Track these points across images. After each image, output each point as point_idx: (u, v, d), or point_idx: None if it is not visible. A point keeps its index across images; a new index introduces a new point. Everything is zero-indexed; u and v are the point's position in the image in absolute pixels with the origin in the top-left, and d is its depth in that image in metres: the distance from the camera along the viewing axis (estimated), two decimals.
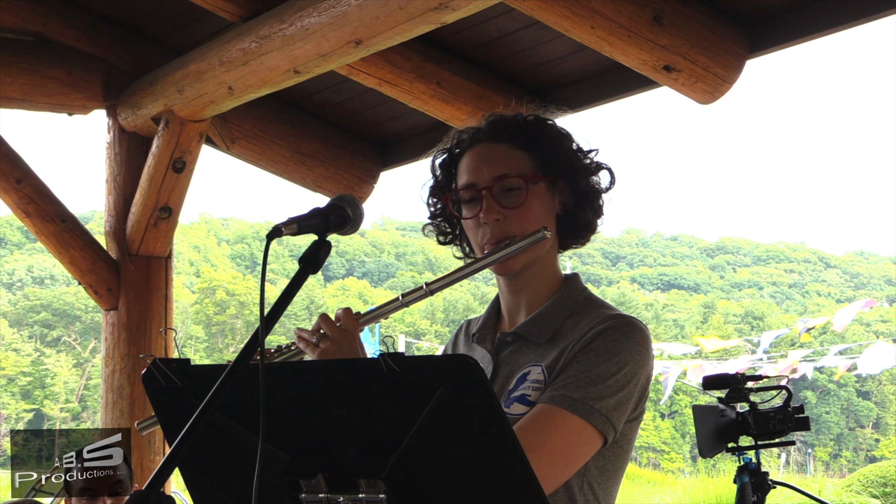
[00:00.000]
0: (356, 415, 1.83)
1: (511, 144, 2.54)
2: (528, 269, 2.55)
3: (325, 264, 2.03)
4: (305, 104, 6.63)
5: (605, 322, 2.41)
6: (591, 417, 2.30)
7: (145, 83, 6.15)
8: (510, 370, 2.51)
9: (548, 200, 2.55)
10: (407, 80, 5.53)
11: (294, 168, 6.69)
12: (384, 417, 1.81)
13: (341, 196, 2.10)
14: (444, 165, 2.67)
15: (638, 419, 2.46)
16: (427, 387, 1.73)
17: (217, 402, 1.78)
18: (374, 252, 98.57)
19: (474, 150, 2.58)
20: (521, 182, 2.50)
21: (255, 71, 5.28)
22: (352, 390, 1.82)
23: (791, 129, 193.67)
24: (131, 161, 6.41)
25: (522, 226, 2.49)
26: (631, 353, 2.37)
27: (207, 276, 75.64)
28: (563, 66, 5.54)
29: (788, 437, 5.68)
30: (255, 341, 1.83)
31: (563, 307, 2.53)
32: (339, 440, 1.85)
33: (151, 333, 6.33)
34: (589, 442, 2.33)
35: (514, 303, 2.61)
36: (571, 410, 2.30)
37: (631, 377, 2.36)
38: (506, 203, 2.50)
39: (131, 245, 6.32)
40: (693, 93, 4.88)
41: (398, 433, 1.77)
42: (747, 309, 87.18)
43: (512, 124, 2.57)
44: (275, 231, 1.95)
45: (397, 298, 2.55)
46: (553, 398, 2.32)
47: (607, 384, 2.33)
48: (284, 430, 1.87)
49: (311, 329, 2.53)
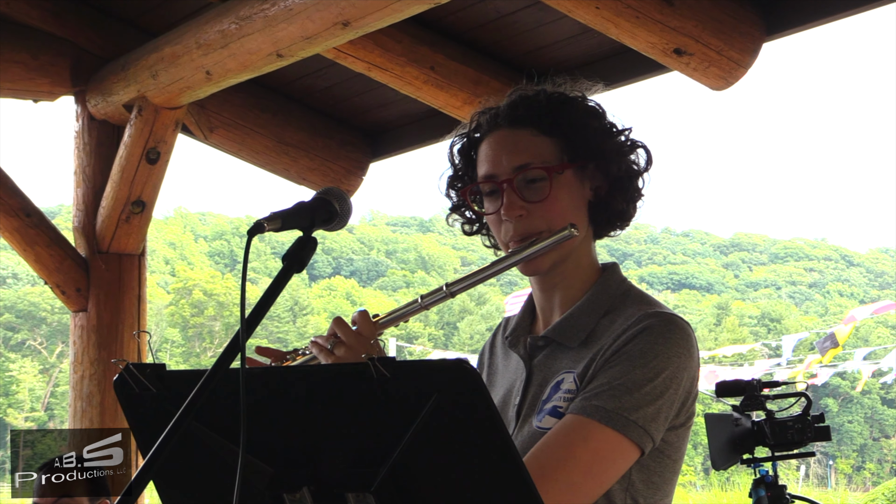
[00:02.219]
0: (344, 424, 1.83)
1: (533, 129, 2.47)
2: (559, 265, 2.50)
3: (310, 262, 2.03)
4: (289, 90, 6.63)
5: (640, 322, 2.35)
6: (627, 430, 2.25)
7: (117, 67, 6.15)
8: (543, 377, 2.46)
9: (576, 189, 2.48)
10: (398, 65, 5.53)
11: (277, 159, 6.69)
12: (374, 427, 1.81)
13: (328, 189, 2.10)
14: (462, 152, 2.61)
15: (686, 424, 2.40)
16: (420, 394, 1.73)
17: (195, 411, 1.79)
18: (363, 249, 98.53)
19: (493, 137, 2.51)
20: (543, 173, 2.43)
21: (234, 54, 5.28)
22: (339, 398, 1.83)
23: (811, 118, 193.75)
24: (101, 151, 6.41)
25: (548, 220, 2.43)
26: (669, 357, 2.31)
27: (183, 275, 75.56)
28: (566, 49, 5.54)
29: (808, 447, 5.70)
30: (235, 345, 1.84)
31: (598, 304, 2.47)
32: (326, 451, 1.86)
33: (123, 337, 6.33)
34: (624, 456, 2.27)
35: (546, 302, 2.57)
36: (605, 422, 2.24)
37: (670, 382, 2.30)
38: (529, 196, 2.44)
39: (101, 242, 6.31)
40: (705, 78, 4.89)
41: (389, 444, 1.77)
42: (764, 310, 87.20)
43: (533, 106, 2.49)
44: (256, 227, 1.95)
45: (416, 300, 2.51)
46: (584, 409, 2.27)
47: (644, 392, 2.27)
48: (267, 440, 1.87)
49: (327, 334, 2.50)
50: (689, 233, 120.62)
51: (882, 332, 75.41)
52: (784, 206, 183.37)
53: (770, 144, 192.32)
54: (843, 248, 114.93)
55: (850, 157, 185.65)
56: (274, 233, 1.99)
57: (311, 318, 76.25)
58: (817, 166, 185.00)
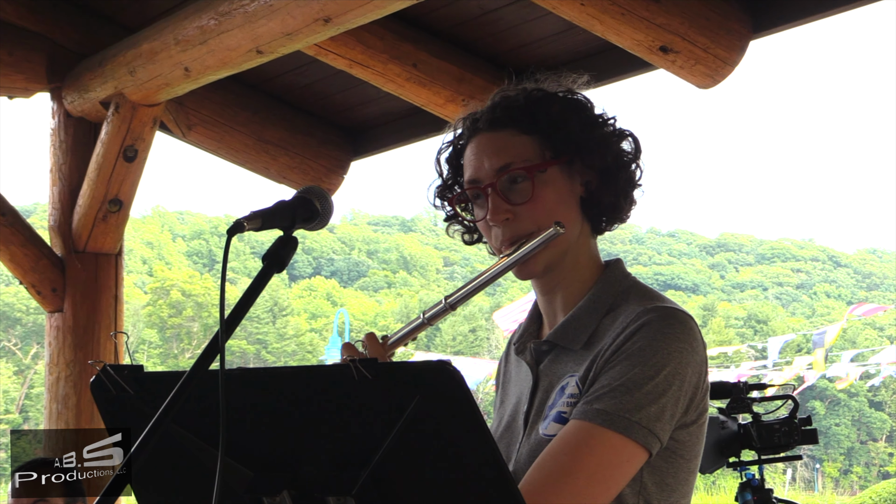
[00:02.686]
0: (325, 426, 1.83)
1: (513, 129, 2.45)
2: (556, 266, 2.47)
3: (290, 262, 2.03)
4: (269, 87, 6.63)
5: (639, 319, 2.30)
6: (631, 431, 2.21)
7: (93, 64, 6.13)
8: (550, 383, 2.44)
9: (564, 185, 2.45)
10: (380, 62, 5.53)
11: (256, 157, 6.68)
12: (355, 429, 1.81)
13: (309, 188, 2.10)
14: (450, 161, 2.59)
15: (698, 422, 2.35)
16: (402, 396, 1.73)
17: (173, 413, 1.78)
18: (344, 249, 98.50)
19: (474, 142, 2.50)
20: (524, 173, 2.41)
21: (213, 51, 5.27)
22: (320, 400, 1.83)
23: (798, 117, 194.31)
24: (78, 149, 6.39)
25: (536, 221, 2.41)
26: (670, 352, 2.27)
27: (161, 274, 75.43)
28: (550, 46, 5.55)
29: (795, 451, 5.72)
30: (214, 346, 1.83)
31: (600, 303, 2.44)
32: (307, 454, 1.85)
33: (100, 337, 6.31)
34: (630, 459, 2.23)
35: (549, 305, 2.54)
36: (607, 426, 2.21)
37: (673, 378, 2.25)
38: (513, 198, 2.42)
39: (78, 241, 6.29)
40: (692, 76, 4.90)
41: (371, 447, 1.77)
42: (750, 312, 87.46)
43: (511, 106, 2.48)
44: (236, 226, 1.95)
45: (420, 317, 2.50)
46: (585, 413, 2.24)
47: (644, 391, 2.23)
48: (247, 442, 1.87)
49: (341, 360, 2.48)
50: (674, 233, 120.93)
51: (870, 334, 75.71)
52: (771, 206, 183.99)
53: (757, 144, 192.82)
54: (831, 248, 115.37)
55: (838, 157, 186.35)
56: (254, 232, 1.99)
57: (290, 318, 76.18)
58: (805, 166, 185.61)
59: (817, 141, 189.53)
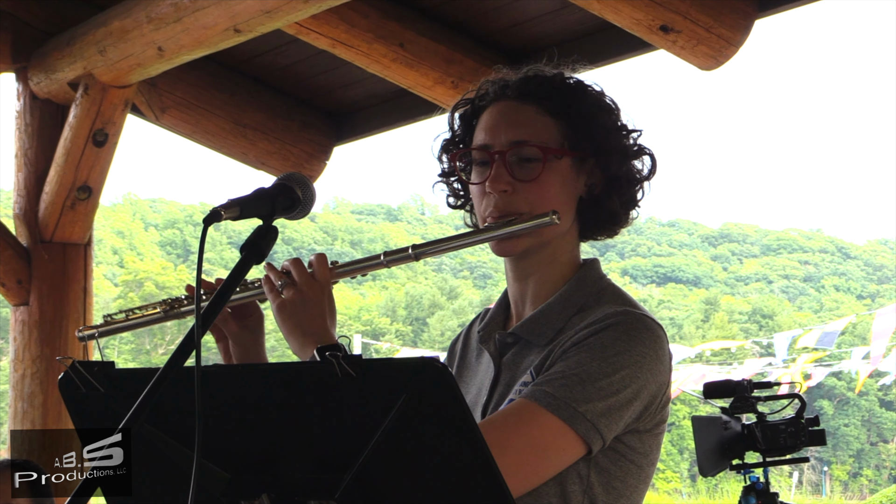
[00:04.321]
0: (306, 426, 1.83)
1: (539, 107, 2.50)
2: (534, 253, 2.52)
3: (270, 253, 2.04)
4: (247, 68, 6.62)
5: (607, 319, 2.37)
6: (573, 421, 2.26)
7: (61, 43, 6.12)
8: (511, 377, 2.48)
9: (570, 179, 2.51)
10: (365, 41, 5.53)
11: (234, 142, 6.68)
12: (338, 429, 1.81)
13: (289, 174, 2.10)
14: (464, 117, 2.62)
15: (654, 431, 2.41)
16: (388, 394, 1.74)
17: (145, 412, 1.78)
18: (326, 239, 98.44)
19: (497, 107, 2.54)
20: (539, 153, 2.46)
21: (188, 29, 5.27)
22: (301, 398, 1.83)
23: (805, 100, 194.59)
24: (45, 133, 6.38)
25: (532, 203, 2.46)
26: (632, 355, 2.32)
27: (133, 266, 75.36)
28: (543, 25, 5.55)
29: (801, 452, 5.73)
30: (189, 342, 1.83)
31: (571, 302, 2.49)
32: (287, 455, 1.86)
33: (68, 333, 6.31)
34: (566, 448, 2.28)
35: (519, 294, 2.58)
36: (551, 410, 2.26)
37: (630, 382, 2.31)
38: (518, 174, 2.46)
39: (45, 230, 6.29)
40: (694, 57, 4.90)
41: (354, 448, 1.78)
42: (755, 306, 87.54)
43: (545, 84, 2.53)
44: (213, 215, 1.95)
45: (379, 256, 2.52)
46: (532, 394, 2.29)
47: (598, 385, 2.28)
48: (224, 444, 1.87)
49: (280, 268, 2.50)
50: (675, 222, 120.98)
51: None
52: (776, 194, 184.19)
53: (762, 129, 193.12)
54: (840, 239, 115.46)
55: (847, 143, 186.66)
56: (231, 221, 1.99)
57: (269, 312, 76.02)
58: (812, 152, 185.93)
59: (825, 126, 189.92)
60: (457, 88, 5.52)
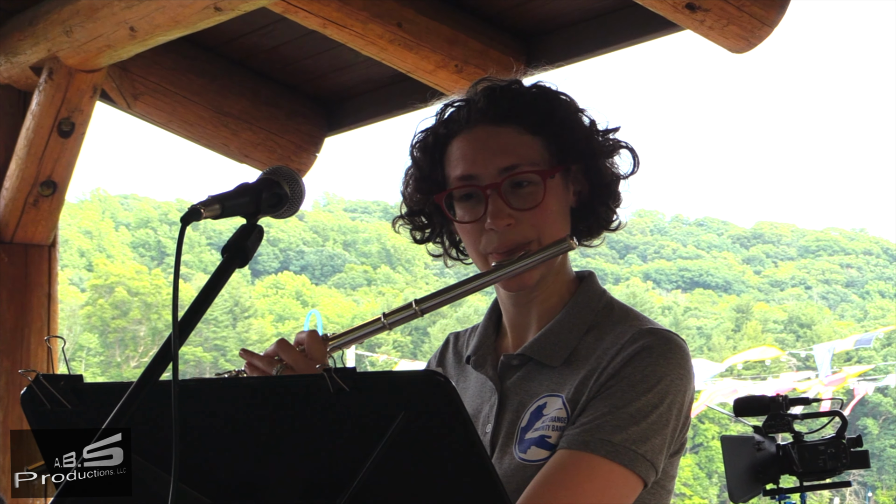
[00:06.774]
0: (296, 446, 1.84)
1: (518, 127, 2.54)
2: (544, 279, 2.57)
3: (254, 255, 2.04)
4: (229, 51, 6.62)
5: (636, 342, 2.43)
6: (634, 464, 2.34)
7: (23, 22, 6.13)
8: (520, 401, 2.52)
9: (562, 194, 2.57)
10: (359, 21, 5.53)
11: (214, 132, 6.68)
12: (330, 450, 1.82)
13: (275, 168, 2.11)
14: (427, 150, 2.64)
15: (680, 451, 2.50)
16: (385, 411, 1.74)
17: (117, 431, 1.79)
18: (316, 240, 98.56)
19: (471, 135, 2.56)
20: (536, 177, 2.51)
21: (163, 7, 5.28)
22: (289, 415, 1.83)
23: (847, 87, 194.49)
24: (4, 122, 6.39)
25: (539, 229, 2.51)
26: (672, 379, 2.41)
27: (102, 269, 75.44)
28: (557, 2, 5.55)
29: (842, 476, 5.73)
30: (166, 353, 1.84)
31: (580, 319, 2.55)
32: (275, 478, 1.86)
33: (30, 343, 6.31)
34: (630, 493, 2.37)
35: (521, 317, 2.63)
36: (612, 458, 2.33)
37: (673, 408, 2.41)
38: (517, 203, 2.50)
39: (4, 230, 6.29)
40: (723, 38, 4.91)
41: (348, 469, 1.78)
42: (792, 314, 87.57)
43: (517, 101, 2.56)
44: (191, 213, 1.96)
45: (379, 318, 2.54)
46: (587, 443, 2.34)
47: (650, 421, 2.36)
48: (204, 465, 1.88)
49: (264, 354, 2.50)
50: (703, 221, 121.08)
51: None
52: (815, 190, 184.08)
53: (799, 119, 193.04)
54: (886, 240, 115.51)
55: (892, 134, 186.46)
56: (212, 220, 1.99)
57: (253, 321, 76.24)
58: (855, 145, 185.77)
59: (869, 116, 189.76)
60: (461, 73, 5.53)
